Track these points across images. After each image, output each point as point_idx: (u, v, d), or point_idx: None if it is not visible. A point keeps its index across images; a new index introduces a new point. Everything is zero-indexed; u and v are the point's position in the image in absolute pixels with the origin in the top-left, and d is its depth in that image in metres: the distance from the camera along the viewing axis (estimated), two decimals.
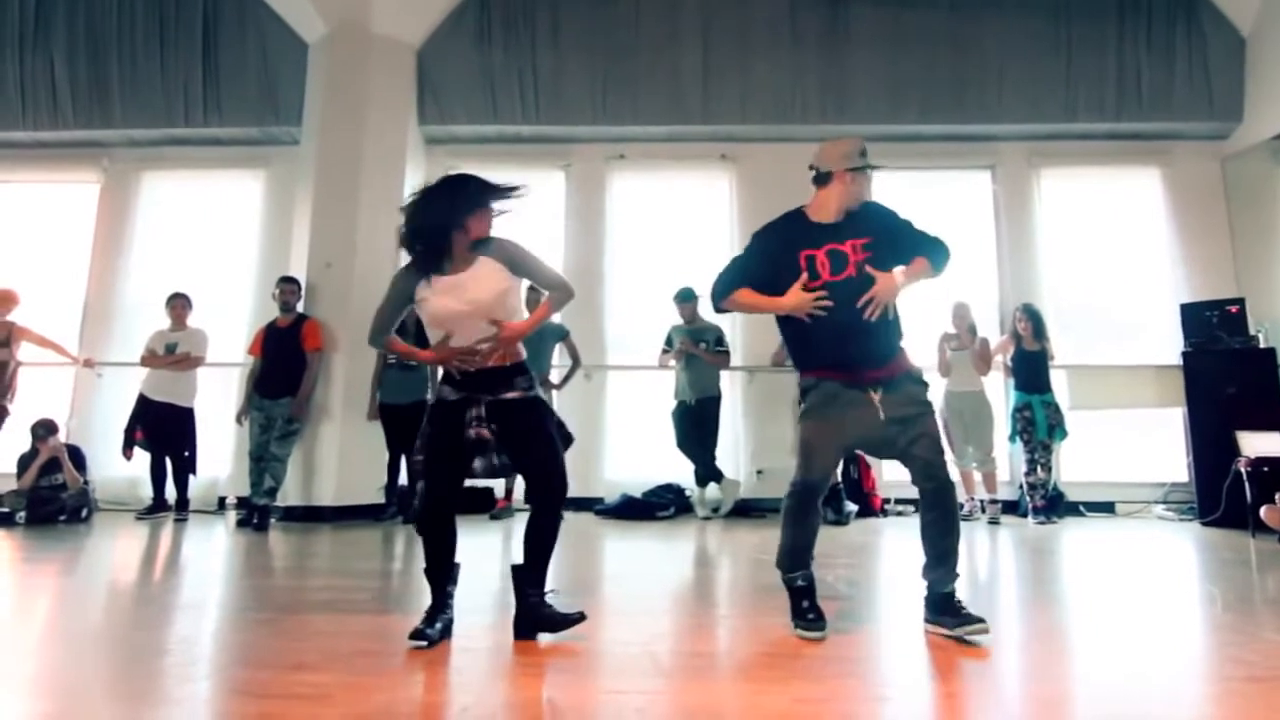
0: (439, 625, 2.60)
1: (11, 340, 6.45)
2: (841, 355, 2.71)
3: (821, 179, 2.83)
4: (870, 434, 2.72)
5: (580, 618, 2.62)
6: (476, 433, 2.63)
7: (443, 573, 2.69)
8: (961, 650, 2.43)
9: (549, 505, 2.70)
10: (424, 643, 2.49)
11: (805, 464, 2.74)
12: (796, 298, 2.70)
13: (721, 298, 2.87)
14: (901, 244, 2.79)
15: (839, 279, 2.71)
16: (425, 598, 3.18)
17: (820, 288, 2.71)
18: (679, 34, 7.36)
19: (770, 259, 2.81)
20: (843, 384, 2.71)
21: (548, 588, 2.69)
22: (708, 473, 6.45)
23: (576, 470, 6.81)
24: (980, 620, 2.55)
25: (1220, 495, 5.80)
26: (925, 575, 2.73)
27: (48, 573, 3.98)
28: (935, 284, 2.95)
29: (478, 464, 2.69)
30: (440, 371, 2.80)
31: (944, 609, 2.66)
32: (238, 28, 7.39)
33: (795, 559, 2.78)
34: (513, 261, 2.75)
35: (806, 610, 2.71)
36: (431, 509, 2.68)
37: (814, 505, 2.78)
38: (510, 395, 2.70)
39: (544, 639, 2.55)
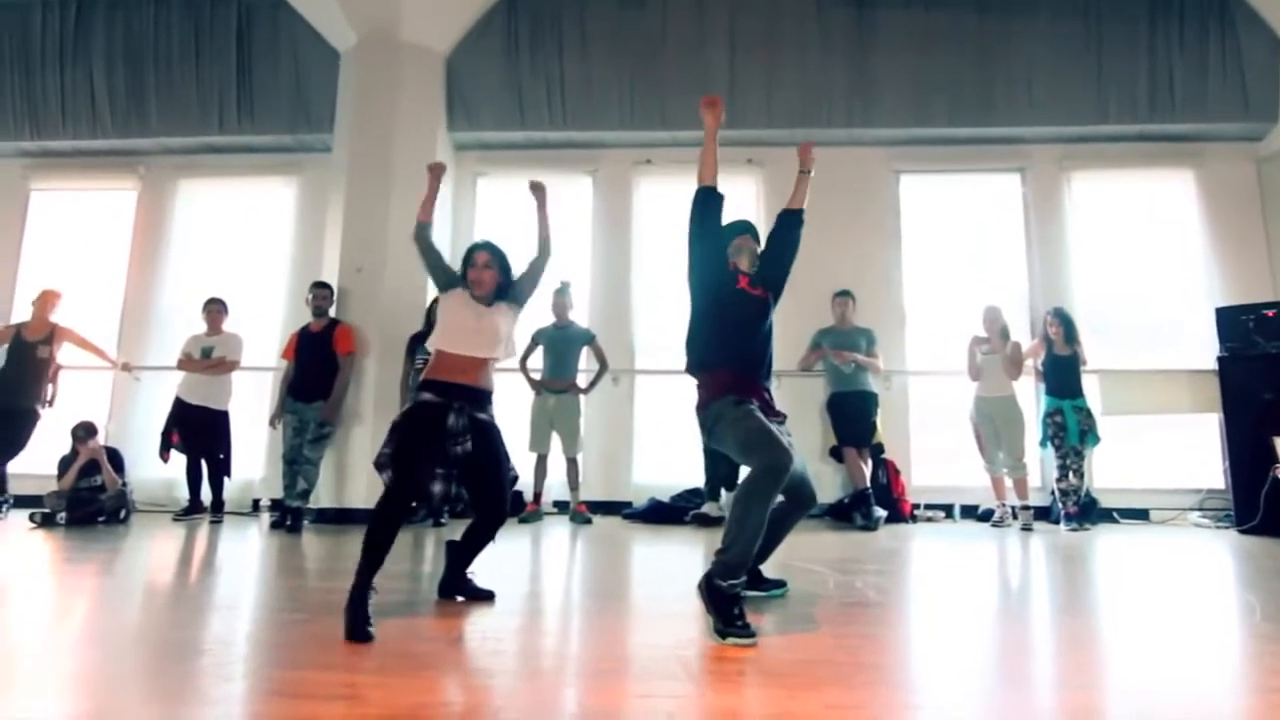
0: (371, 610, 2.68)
1: (54, 340, 6.59)
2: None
3: None
4: None
5: (490, 596, 3.19)
6: (460, 445, 3.00)
7: (379, 561, 2.77)
8: (994, 658, 2.41)
9: (495, 527, 3.20)
10: (371, 637, 2.55)
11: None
12: None
13: None
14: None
15: None
16: (456, 599, 3.20)
17: None
18: (706, 38, 7.36)
19: None
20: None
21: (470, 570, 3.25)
22: (728, 480, 6.36)
23: (605, 475, 6.97)
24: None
25: (1258, 503, 5.70)
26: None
27: (87, 573, 4.06)
28: (966, 287, 2.99)
29: (436, 488, 3.00)
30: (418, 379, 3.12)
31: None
32: (270, 38, 7.53)
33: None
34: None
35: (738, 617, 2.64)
36: (397, 500, 2.88)
37: None
38: (483, 416, 3.10)
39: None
